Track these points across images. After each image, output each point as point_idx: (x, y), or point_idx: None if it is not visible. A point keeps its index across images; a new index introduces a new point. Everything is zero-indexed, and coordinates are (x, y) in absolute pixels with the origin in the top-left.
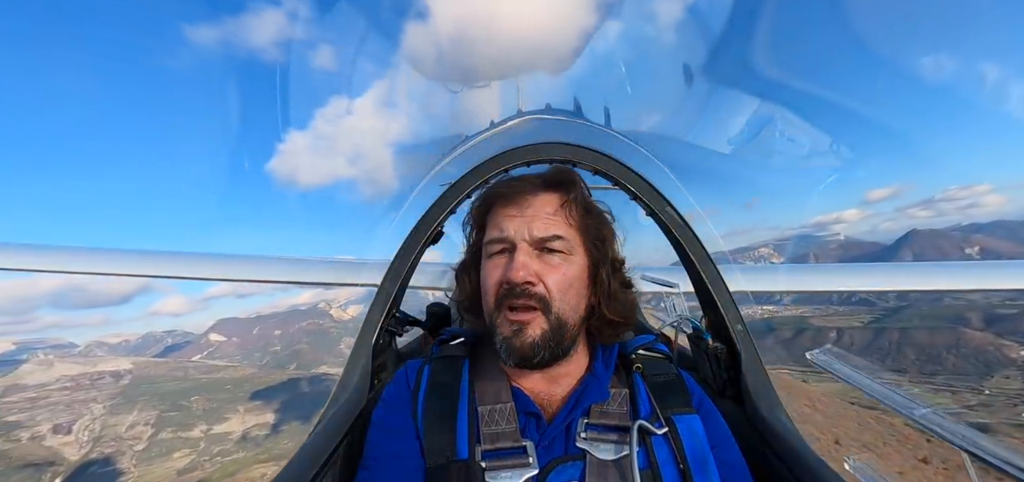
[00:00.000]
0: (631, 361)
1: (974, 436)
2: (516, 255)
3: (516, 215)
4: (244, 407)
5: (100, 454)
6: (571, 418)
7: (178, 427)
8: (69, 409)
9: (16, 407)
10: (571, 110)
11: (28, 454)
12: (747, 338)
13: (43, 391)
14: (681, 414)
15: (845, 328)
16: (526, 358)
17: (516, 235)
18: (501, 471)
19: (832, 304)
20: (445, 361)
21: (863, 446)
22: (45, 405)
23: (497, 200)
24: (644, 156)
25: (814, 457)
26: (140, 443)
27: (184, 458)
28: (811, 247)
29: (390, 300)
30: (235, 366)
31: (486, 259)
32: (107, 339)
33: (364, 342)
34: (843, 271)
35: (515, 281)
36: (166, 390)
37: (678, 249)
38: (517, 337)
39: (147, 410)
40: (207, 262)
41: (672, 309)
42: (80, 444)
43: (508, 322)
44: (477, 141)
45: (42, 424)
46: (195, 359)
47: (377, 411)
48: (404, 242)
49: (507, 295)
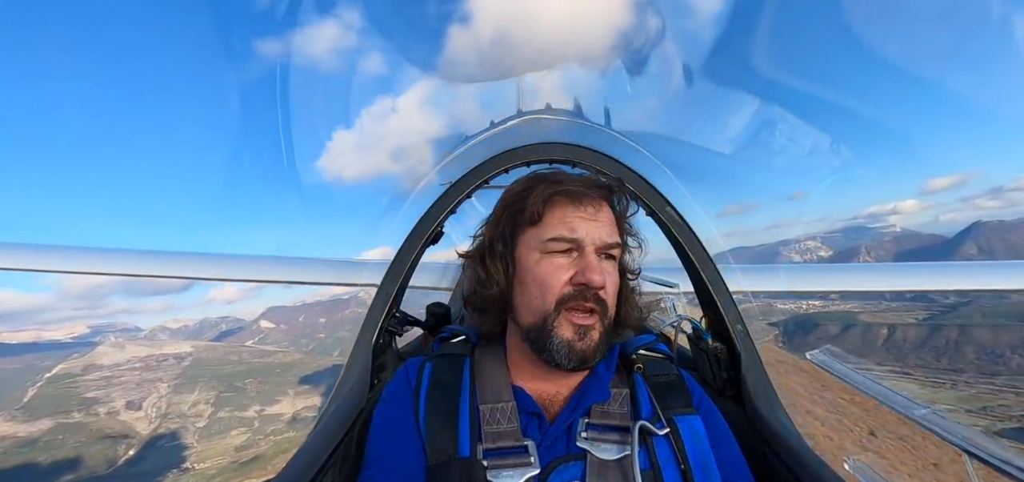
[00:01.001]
0: (632, 361)
1: (974, 436)
2: (588, 258)
3: (588, 218)
4: (293, 390)
5: (167, 429)
6: (572, 418)
7: (234, 407)
8: (139, 388)
9: (94, 385)
10: (571, 110)
11: (105, 427)
12: (747, 338)
13: (116, 371)
14: (682, 414)
15: (898, 325)
16: (586, 361)
17: (587, 238)
18: (503, 470)
19: (884, 300)
20: (446, 359)
21: (900, 439)
22: (118, 383)
23: (564, 197)
24: (644, 156)
25: (814, 457)
26: (201, 420)
27: (241, 436)
28: (862, 240)
29: (390, 300)
30: (284, 351)
31: (544, 255)
32: (169, 324)
33: (364, 342)
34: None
35: (594, 284)
36: (223, 373)
37: (678, 249)
38: (582, 340)
39: (206, 390)
40: (209, 262)
41: (672, 309)
42: (149, 419)
43: (571, 324)
44: (477, 141)
45: (116, 400)
46: (248, 344)
47: (378, 410)
48: (404, 242)
49: (576, 296)
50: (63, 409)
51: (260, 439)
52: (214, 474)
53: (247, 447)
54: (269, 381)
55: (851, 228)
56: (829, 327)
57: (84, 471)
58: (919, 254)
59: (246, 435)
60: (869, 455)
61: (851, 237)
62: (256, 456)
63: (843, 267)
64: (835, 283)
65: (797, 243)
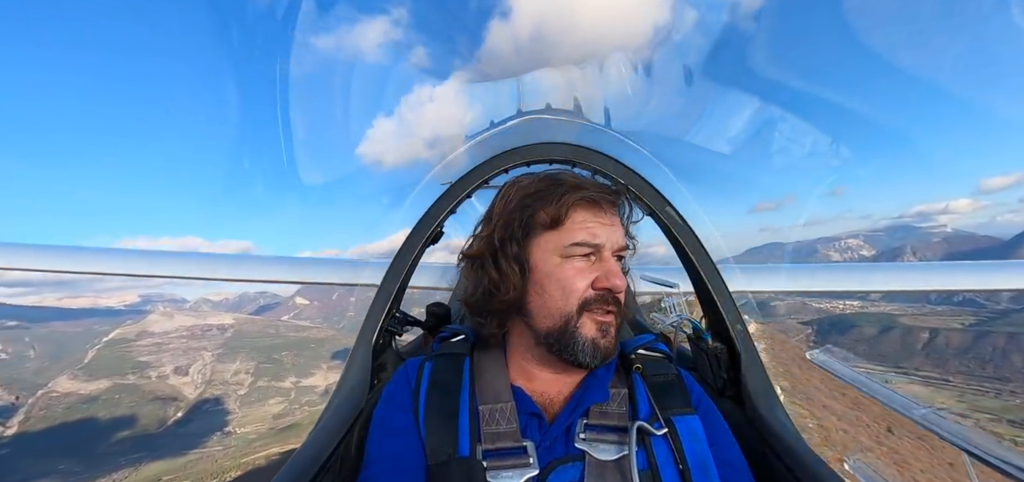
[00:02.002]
0: (631, 361)
1: (974, 436)
2: (609, 263)
3: (607, 223)
4: (327, 365)
5: (211, 395)
6: (571, 419)
7: (272, 378)
8: (186, 355)
9: (146, 350)
10: (571, 110)
11: (156, 389)
12: (747, 338)
13: (166, 338)
14: (681, 414)
15: (941, 329)
16: (609, 356)
17: (607, 243)
18: (502, 471)
19: (929, 302)
20: (446, 359)
21: (918, 438)
22: (168, 350)
23: (583, 203)
24: (644, 156)
25: (813, 457)
26: (242, 388)
27: (278, 405)
28: (909, 240)
29: (390, 300)
30: (318, 328)
31: (565, 259)
32: (211, 297)
33: (364, 342)
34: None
35: (618, 288)
36: (262, 345)
37: (678, 249)
38: (605, 337)
39: (247, 361)
40: (210, 262)
41: (672, 309)
42: (195, 385)
43: (595, 323)
44: (477, 141)
45: (166, 365)
46: (284, 319)
47: (378, 410)
48: (404, 242)
49: (599, 300)
50: (119, 371)
51: (296, 408)
52: (254, 439)
53: (284, 415)
54: (304, 355)
55: (897, 227)
56: (866, 328)
57: (138, 429)
58: (971, 256)
59: (283, 404)
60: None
61: (897, 236)
62: (292, 424)
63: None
64: (840, 283)
65: (837, 241)
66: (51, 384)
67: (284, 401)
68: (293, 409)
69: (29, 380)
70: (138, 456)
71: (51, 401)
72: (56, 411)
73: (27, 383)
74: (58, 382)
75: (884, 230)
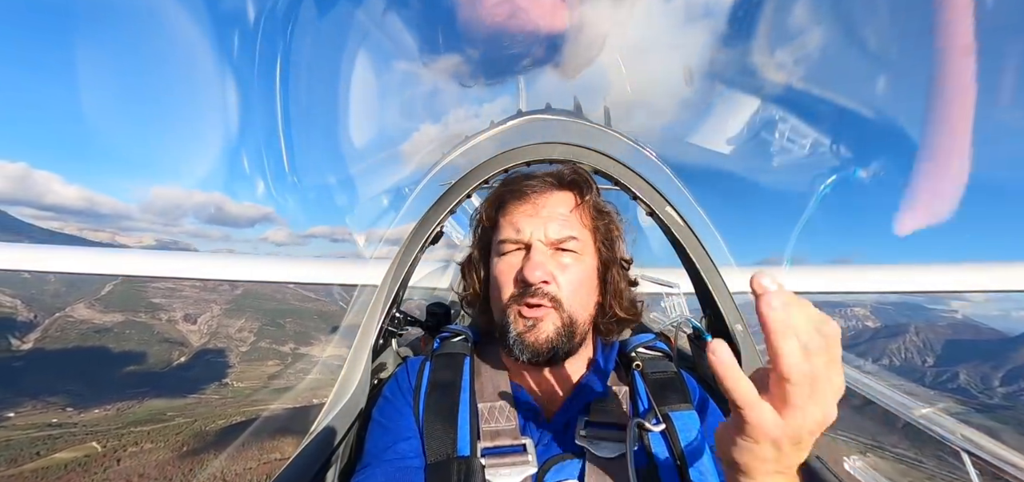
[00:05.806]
0: (631, 359)
1: (974, 436)
2: (532, 254)
3: (532, 214)
4: (325, 338)
5: (214, 346)
6: (571, 416)
7: (273, 340)
8: (196, 305)
9: (159, 293)
10: (571, 110)
11: (165, 332)
12: (747, 338)
13: (178, 284)
14: (679, 411)
15: None
16: (538, 353)
17: (532, 235)
18: (501, 468)
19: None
20: (446, 358)
21: (916, 437)
22: (179, 297)
23: (511, 198)
24: (644, 156)
25: (813, 457)
26: (244, 345)
27: (274, 366)
28: (914, 320)
29: (390, 300)
30: (323, 301)
31: (498, 256)
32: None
33: (364, 342)
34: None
35: (531, 280)
36: (267, 308)
37: (678, 249)
38: (531, 333)
39: (252, 320)
40: (210, 261)
41: (672, 309)
42: (201, 334)
43: (521, 318)
44: (477, 141)
45: (176, 311)
46: (291, 286)
47: (378, 409)
48: (404, 242)
49: (521, 293)
50: (132, 308)
51: (290, 373)
52: (249, 393)
53: (278, 376)
54: (305, 324)
55: (907, 304)
56: None
57: (145, 366)
58: (968, 348)
59: (279, 367)
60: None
61: (904, 313)
62: (286, 387)
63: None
64: (840, 283)
65: (844, 308)
66: (68, 309)
67: (280, 364)
68: (287, 373)
69: (48, 302)
70: (142, 390)
71: (67, 325)
72: (70, 335)
73: (45, 305)
74: (75, 308)
75: (892, 305)
